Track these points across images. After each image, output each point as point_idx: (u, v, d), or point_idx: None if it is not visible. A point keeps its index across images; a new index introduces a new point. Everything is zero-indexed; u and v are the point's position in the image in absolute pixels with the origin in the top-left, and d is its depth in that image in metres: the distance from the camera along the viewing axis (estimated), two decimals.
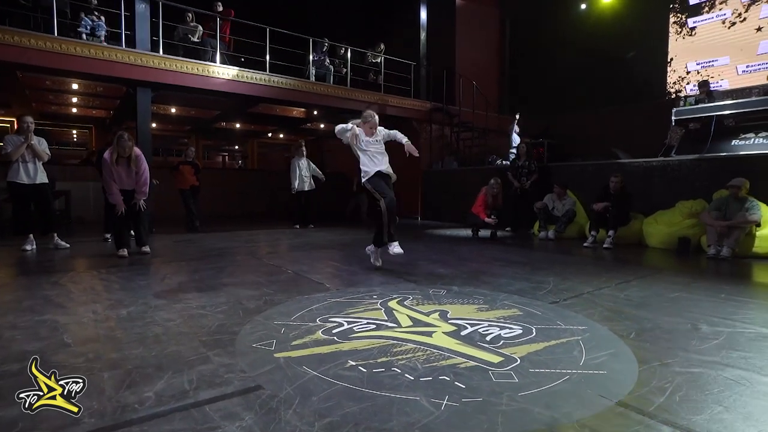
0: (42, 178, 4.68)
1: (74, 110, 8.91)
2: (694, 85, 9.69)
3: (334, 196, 9.68)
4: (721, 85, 9.17)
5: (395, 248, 3.72)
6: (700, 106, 6.95)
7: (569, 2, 11.28)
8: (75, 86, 7.20)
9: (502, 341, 2.06)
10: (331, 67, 8.93)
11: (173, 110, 9.37)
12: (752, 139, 6.52)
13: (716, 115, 6.75)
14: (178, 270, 3.80)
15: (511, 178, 7.27)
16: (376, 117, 3.84)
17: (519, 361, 1.82)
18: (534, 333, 2.17)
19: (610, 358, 1.85)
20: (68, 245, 4.88)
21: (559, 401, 1.48)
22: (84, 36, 5.98)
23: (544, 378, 1.66)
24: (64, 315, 2.41)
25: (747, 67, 9.06)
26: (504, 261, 4.35)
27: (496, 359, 1.84)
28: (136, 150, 4.43)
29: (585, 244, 5.58)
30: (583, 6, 11.24)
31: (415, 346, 2.00)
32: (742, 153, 6.06)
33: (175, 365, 1.74)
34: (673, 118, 7.35)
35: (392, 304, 2.73)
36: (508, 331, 2.22)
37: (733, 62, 9.23)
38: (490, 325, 2.30)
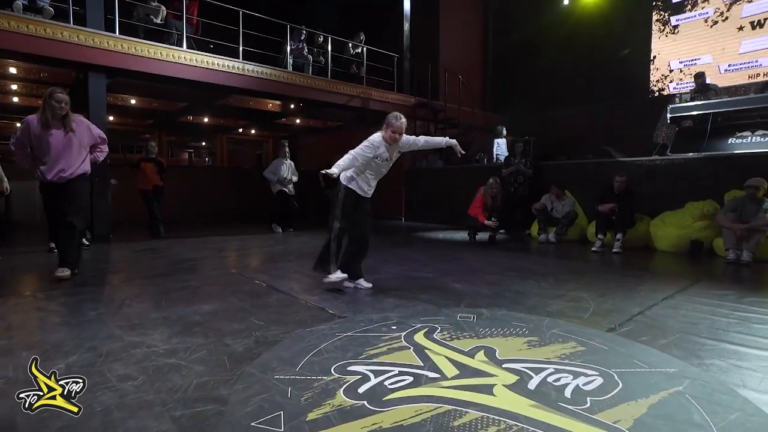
0: None
1: (15, 99, 7.82)
2: (678, 83, 9.66)
3: (311, 197, 9.02)
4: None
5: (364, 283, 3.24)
6: (696, 103, 6.75)
7: None
8: (13, 70, 6.20)
9: (587, 399, 1.55)
10: (310, 57, 8.26)
11: (133, 101, 8.42)
12: (749, 138, 6.37)
13: (713, 112, 6.56)
14: (140, 292, 3.10)
15: (507, 173, 6.84)
16: (404, 120, 3.08)
17: None
18: (620, 384, 1.67)
19: (749, 427, 1.37)
20: None
21: None
22: (21, 9, 5.05)
23: None
24: None
25: (729, 66, 9.05)
26: (520, 271, 3.88)
27: None
28: (79, 116, 3.46)
29: (593, 248, 5.21)
30: (566, 1, 11.02)
31: (479, 414, 1.45)
32: (751, 151, 5.85)
33: None
34: (668, 116, 7.14)
35: (420, 338, 2.17)
36: (584, 379, 1.71)
37: (715, 61, 9.21)
38: (557, 371, 1.78)
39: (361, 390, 1.61)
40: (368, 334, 2.23)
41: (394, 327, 2.34)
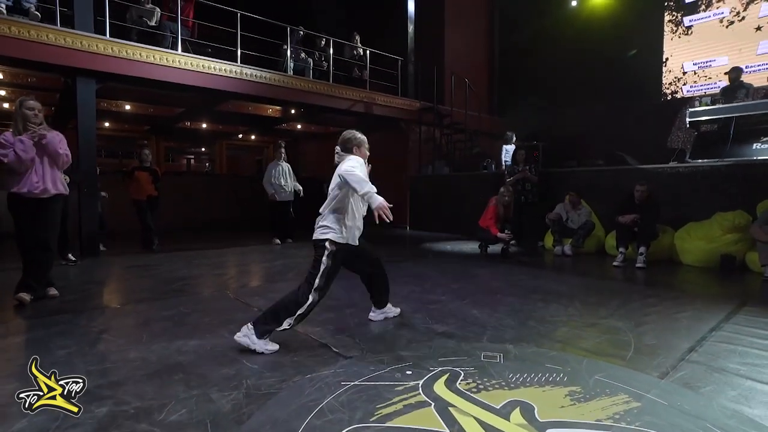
0: None
1: (5, 105, 7.53)
2: (692, 86, 9.33)
3: (312, 205, 8.69)
4: (719, 87, 8.77)
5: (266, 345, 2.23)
6: (718, 106, 6.40)
7: None
8: None
9: None
10: (310, 60, 7.96)
11: (128, 107, 8.13)
12: None
13: (737, 116, 6.20)
14: (121, 323, 2.77)
15: (512, 181, 6.50)
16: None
17: None
18: None
19: None
20: None
21: None
22: (4, 11, 4.77)
23: None
24: None
25: (746, 67, 8.68)
26: (541, 292, 3.53)
27: None
28: (54, 131, 3.18)
29: (614, 263, 4.86)
30: (574, 2, 10.72)
31: None
32: None
33: None
34: (687, 120, 6.80)
35: (440, 389, 1.83)
36: None
37: (732, 62, 8.85)
38: None
39: None
40: (379, 383, 1.89)
41: (409, 372, 2.00)
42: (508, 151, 8.41)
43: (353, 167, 2.33)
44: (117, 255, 5.42)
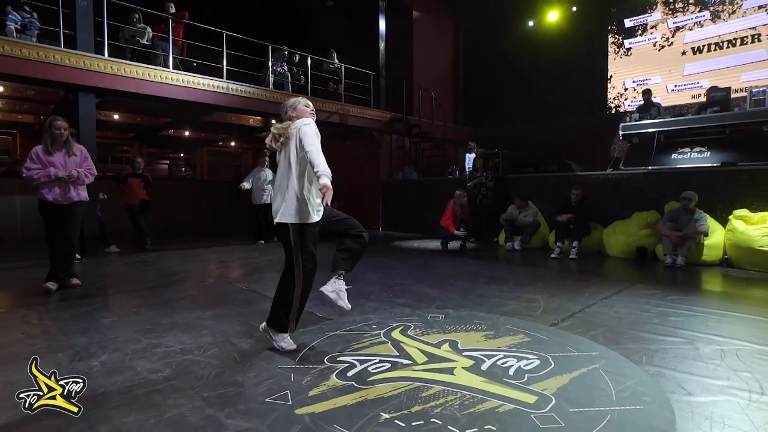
0: None
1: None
2: (632, 101, 10.53)
3: None
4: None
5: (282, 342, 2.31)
6: (645, 122, 7.48)
7: (518, 18, 11.82)
8: (0, 89, 6.35)
9: (526, 375, 2.01)
10: (289, 74, 8.66)
11: (116, 116, 8.58)
12: (688, 154, 7.13)
13: (658, 131, 7.31)
14: (143, 302, 3.41)
15: (471, 185, 7.36)
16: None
17: (554, 399, 1.77)
18: (552, 364, 2.14)
19: (637, 390, 1.85)
20: None
21: None
22: (14, 33, 5.28)
23: (587, 420, 1.61)
24: (14, 372, 2.02)
25: (675, 86, 9.97)
26: (486, 277, 4.36)
27: (531, 399, 1.77)
28: (80, 146, 3.82)
29: (552, 256, 5.77)
30: (531, 23, 11.84)
31: (442, 387, 1.88)
32: (688, 166, 6.58)
33: None
34: (620, 133, 7.88)
35: (396, 335, 2.60)
36: (526, 362, 2.17)
37: (663, 82, 10.12)
38: (506, 356, 2.24)
39: (349, 374, 2.02)
40: (353, 333, 2.64)
41: (374, 326, 2.76)
42: (470, 159, 9.32)
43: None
44: (115, 254, 5.93)
